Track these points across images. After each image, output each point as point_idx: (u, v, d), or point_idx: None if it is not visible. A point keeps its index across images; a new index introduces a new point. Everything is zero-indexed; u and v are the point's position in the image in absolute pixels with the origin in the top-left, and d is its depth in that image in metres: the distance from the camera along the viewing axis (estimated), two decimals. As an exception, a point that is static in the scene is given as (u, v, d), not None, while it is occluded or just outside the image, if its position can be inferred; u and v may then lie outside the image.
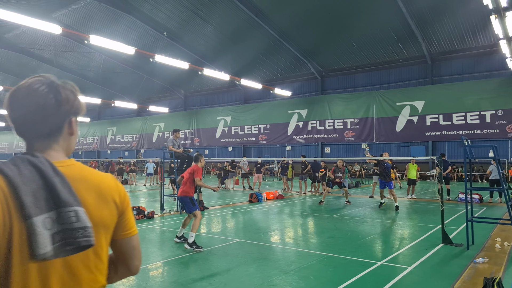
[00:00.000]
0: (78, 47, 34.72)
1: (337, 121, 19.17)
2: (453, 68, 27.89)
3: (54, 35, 31.44)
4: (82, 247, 1.08)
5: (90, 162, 28.65)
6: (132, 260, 1.38)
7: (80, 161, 14.16)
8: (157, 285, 4.99)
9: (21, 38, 34.65)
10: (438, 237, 7.59)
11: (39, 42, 35.14)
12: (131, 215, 1.38)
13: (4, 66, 41.73)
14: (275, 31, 27.43)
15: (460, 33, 25.23)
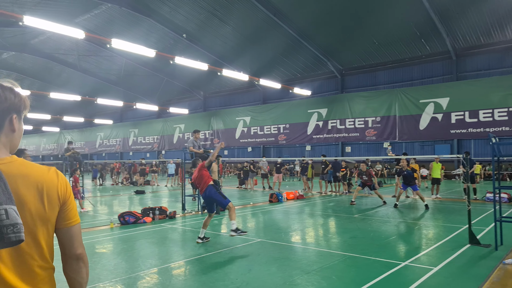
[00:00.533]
0: (100, 51, 35.58)
1: (358, 120, 18.86)
2: (479, 63, 27.06)
3: (77, 40, 32.38)
4: (12, 242, 1.17)
5: (113, 163, 29.18)
6: (72, 247, 1.49)
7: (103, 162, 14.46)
8: (180, 284, 5.06)
9: (46, 43, 35.80)
10: (465, 237, 7.37)
11: (63, 47, 36.22)
12: (73, 206, 1.47)
13: (31, 71, 43.20)
14: (293, 30, 27.31)
15: (486, 27, 24.43)
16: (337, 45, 29.24)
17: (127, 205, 14.14)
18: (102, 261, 6.16)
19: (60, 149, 41.81)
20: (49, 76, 43.66)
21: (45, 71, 42.66)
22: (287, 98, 33.32)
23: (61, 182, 1.43)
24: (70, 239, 1.49)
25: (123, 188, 21.99)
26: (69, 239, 1.49)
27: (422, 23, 24.63)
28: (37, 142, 48.41)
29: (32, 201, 1.33)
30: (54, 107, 50.53)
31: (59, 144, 44.09)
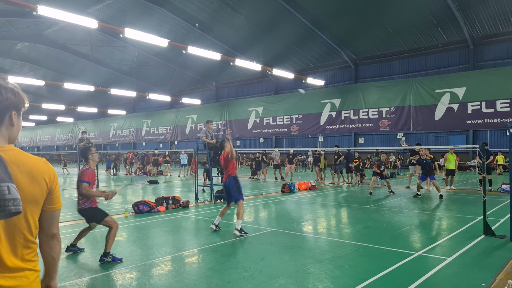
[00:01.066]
0: (113, 41, 35.81)
1: (371, 110, 18.68)
2: (497, 52, 26.39)
3: (90, 30, 32.63)
4: (12, 213, 1.40)
5: (127, 154, 29.55)
6: (51, 227, 1.74)
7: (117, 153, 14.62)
8: (194, 271, 5.15)
9: (59, 34, 36.17)
10: (479, 228, 7.30)
11: (76, 38, 36.54)
12: (58, 194, 1.74)
13: (45, 62, 43.78)
14: (307, 19, 27.00)
15: (506, 15, 23.75)
16: (351, 34, 28.83)
17: (140, 194, 14.36)
18: (118, 248, 6.29)
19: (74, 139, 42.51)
20: (62, 66, 44.20)
21: (59, 62, 43.18)
22: (300, 88, 33.13)
23: (50, 172, 1.68)
24: (51, 221, 1.74)
25: (136, 179, 22.29)
26: (50, 220, 1.73)
27: (438, 11, 24.08)
28: (52, 133, 49.33)
29: (25, 184, 1.56)
30: (68, 97, 51.27)
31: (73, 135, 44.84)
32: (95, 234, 7.56)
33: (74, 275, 4.92)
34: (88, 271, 5.14)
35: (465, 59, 27.63)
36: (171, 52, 34.50)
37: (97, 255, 5.87)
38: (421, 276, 4.74)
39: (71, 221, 8.97)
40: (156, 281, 4.72)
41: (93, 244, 6.76)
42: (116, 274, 4.97)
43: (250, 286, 4.48)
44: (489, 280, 4.60)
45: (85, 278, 4.81)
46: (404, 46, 29.21)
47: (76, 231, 7.72)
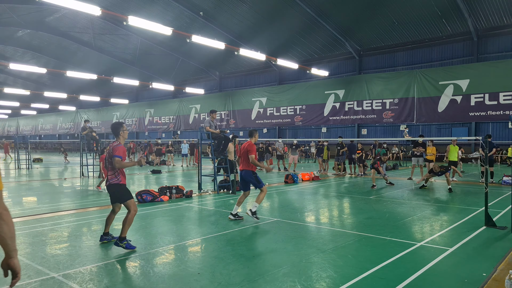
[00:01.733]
0: (116, 29, 35.64)
1: (375, 101, 18.64)
2: (500, 44, 26.20)
3: (92, 18, 32.46)
4: None
5: (129, 143, 29.62)
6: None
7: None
8: (198, 260, 5.22)
9: (61, 21, 35.99)
10: (481, 219, 7.36)
11: (78, 25, 36.39)
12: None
13: (46, 50, 43.66)
14: (311, 9, 26.78)
15: (510, 7, 23.52)
16: (355, 25, 28.61)
17: (143, 184, 14.45)
18: (123, 236, 6.36)
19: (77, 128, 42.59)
20: (64, 54, 44.09)
21: (61, 50, 43.07)
22: (304, 79, 33.01)
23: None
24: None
25: (139, 168, 22.42)
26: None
27: (443, 2, 23.86)
28: (54, 121, 49.38)
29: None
30: (70, 86, 51.25)
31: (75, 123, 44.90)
32: (101, 222, 7.64)
33: (78, 263, 4.98)
34: (92, 259, 5.20)
35: (468, 51, 27.44)
36: (174, 41, 34.33)
37: (99, 243, 5.95)
38: (423, 266, 4.80)
39: (73, 210, 9.06)
40: (160, 269, 4.78)
41: (98, 232, 6.84)
42: (120, 263, 5.04)
43: (254, 274, 4.54)
44: (490, 270, 4.66)
45: (89, 267, 4.85)
46: (408, 37, 28.99)
47: (78, 220, 7.83)
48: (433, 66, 26.84)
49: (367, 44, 31.47)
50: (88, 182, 15.11)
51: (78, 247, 5.77)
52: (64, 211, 8.80)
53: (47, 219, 7.80)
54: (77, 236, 6.44)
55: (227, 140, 12.29)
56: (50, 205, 9.60)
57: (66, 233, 6.70)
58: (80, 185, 14.07)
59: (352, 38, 30.74)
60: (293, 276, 4.49)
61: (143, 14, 26.17)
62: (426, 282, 4.33)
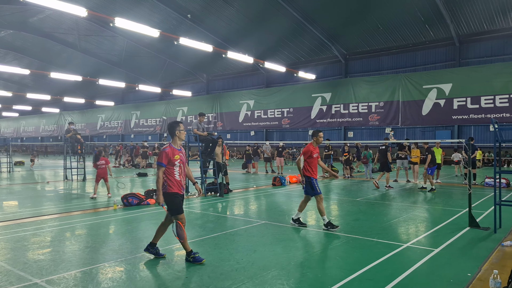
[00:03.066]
0: (102, 31, 35.19)
1: (361, 104, 18.89)
2: (481, 50, 26.87)
3: (77, 19, 31.99)
4: None
5: (118, 146, 29.17)
6: None
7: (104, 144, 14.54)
8: (185, 264, 5.15)
9: (45, 22, 35.35)
10: (465, 220, 7.50)
11: (63, 26, 35.79)
12: None
13: (30, 51, 42.79)
14: (298, 13, 26.98)
15: (490, 14, 24.17)
16: (342, 29, 28.93)
17: (129, 187, 14.26)
18: (107, 241, 6.26)
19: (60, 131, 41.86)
20: (48, 55, 43.30)
21: (45, 51, 42.28)
22: (291, 82, 33.18)
23: None
24: None
25: (125, 171, 22.12)
26: None
27: (426, 8, 24.34)
28: (37, 124, 48.45)
29: None
30: (54, 87, 50.32)
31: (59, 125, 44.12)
32: (71, 227, 7.52)
33: (62, 268, 4.86)
34: (76, 264, 5.09)
35: (451, 56, 28.04)
36: (161, 43, 34.09)
37: (84, 248, 5.84)
38: (410, 267, 4.85)
39: (56, 214, 8.88)
40: (146, 273, 4.71)
41: (83, 236, 6.72)
42: (105, 268, 4.94)
43: (243, 277, 4.52)
44: (474, 270, 4.74)
45: (73, 272, 4.74)
46: (392, 42, 29.46)
47: (61, 224, 7.67)
48: (417, 70, 27.35)
49: (353, 48, 31.84)
50: (71, 185, 14.83)
51: (61, 252, 5.64)
52: (47, 215, 8.61)
53: (29, 224, 7.62)
54: (61, 241, 6.30)
55: (215, 143, 12.24)
56: (32, 209, 9.39)
57: (49, 237, 6.55)
58: (64, 189, 13.80)
59: (338, 42, 31.07)
60: (282, 278, 4.48)
61: (129, 15, 25.91)
62: (413, 283, 4.38)
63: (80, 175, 16.47)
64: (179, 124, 5.26)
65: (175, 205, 5.14)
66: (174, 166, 5.10)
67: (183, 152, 5.33)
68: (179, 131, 5.18)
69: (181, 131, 5.20)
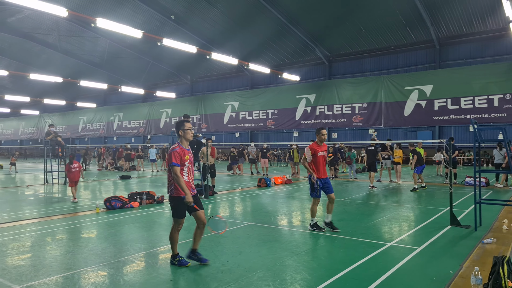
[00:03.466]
0: (83, 31, 34.60)
1: (345, 106, 19.12)
2: (460, 52, 27.54)
3: (57, 19, 31.36)
4: None
5: (102, 148, 28.64)
6: None
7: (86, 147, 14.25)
8: (170, 267, 5.09)
9: (24, 22, 34.54)
10: (446, 219, 7.65)
11: (43, 27, 35.04)
12: None
13: (8, 51, 41.71)
14: (282, 15, 27.11)
15: (469, 17, 24.82)
16: (325, 31, 29.22)
17: (111, 190, 14.04)
18: (89, 245, 6.14)
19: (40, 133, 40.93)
20: (27, 56, 42.30)
21: (24, 51, 41.28)
22: (276, 83, 33.29)
23: None
24: None
25: (107, 173, 21.78)
26: None
27: (408, 12, 24.82)
28: (16, 126, 47.29)
29: None
30: (33, 89, 49.16)
31: (38, 128, 43.13)
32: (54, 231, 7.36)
33: (43, 274, 4.74)
34: (58, 269, 4.97)
35: (431, 58, 28.65)
36: (144, 44, 33.72)
37: (65, 252, 5.71)
38: (394, 266, 4.91)
39: (36, 218, 8.67)
40: (131, 278, 4.63)
41: (64, 241, 6.57)
42: (87, 272, 4.84)
43: (228, 279, 4.49)
44: (456, 267, 4.84)
45: (54, 277, 4.62)
46: (375, 44, 29.90)
47: (41, 228, 7.48)
48: (399, 72, 27.83)
49: (336, 50, 32.18)
50: (52, 189, 14.50)
51: (42, 257, 5.50)
52: (27, 220, 8.39)
53: (8, 229, 7.41)
54: (41, 246, 6.14)
55: (200, 144, 12.16)
56: (12, 213, 9.13)
57: (29, 242, 6.38)
58: (44, 193, 13.48)
59: (322, 44, 31.35)
60: (268, 279, 4.48)
61: (111, 16, 25.51)
62: (397, 281, 4.44)
63: (62, 179, 16.13)
64: (184, 123, 5.05)
65: (178, 209, 5.05)
66: (184, 166, 4.96)
67: (191, 152, 5.18)
68: (183, 131, 5.00)
69: (186, 130, 4.99)
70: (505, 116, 19.06)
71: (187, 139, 5.06)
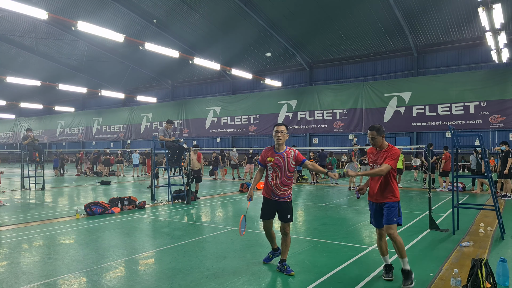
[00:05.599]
0: (61, 34, 33.94)
1: (326, 111, 19.41)
2: (438, 60, 28.37)
3: (35, 21, 30.68)
4: None
5: (80, 153, 27.98)
6: None
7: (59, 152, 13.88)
8: (154, 272, 5.05)
9: (0, 24, 33.62)
10: (425, 223, 7.85)
11: (19, 29, 34.20)
12: None
13: (-17, 54, 40.47)
14: (264, 21, 27.35)
15: (446, 26, 25.65)
16: (306, 37, 29.61)
17: (91, 196, 13.76)
18: (70, 251, 6.02)
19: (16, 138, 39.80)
20: (3, 59, 41.11)
21: (-1, 54, 40.15)
22: (257, 89, 33.43)
23: None
24: None
25: (86, 179, 21.33)
26: None
27: (387, 20, 25.46)
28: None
29: None
30: (9, 92, 47.74)
31: (14, 132, 41.94)
32: (31, 238, 7.19)
33: (23, 281, 4.63)
34: (38, 276, 4.85)
35: (410, 66, 29.41)
36: (124, 48, 33.34)
37: (46, 259, 5.58)
38: (376, 269, 5.02)
39: (12, 225, 8.42)
40: (115, 283, 4.57)
41: (43, 247, 6.41)
42: (70, 279, 4.75)
43: (214, 284, 4.49)
44: (436, 270, 4.98)
45: (36, 284, 4.52)
46: (355, 51, 30.49)
47: (19, 235, 7.28)
48: (378, 79, 28.44)
49: (317, 57, 32.63)
50: (29, 194, 14.10)
51: (22, 264, 5.35)
52: (3, 226, 8.13)
53: (-16, 236, 7.16)
54: (20, 253, 5.98)
55: (181, 150, 12.10)
56: (-13, 220, 8.83)
57: (7, 249, 6.19)
58: (20, 198, 13.09)
59: (303, 50, 31.74)
60: (253, 284, 4.49)
61: (91, 19, 25.17)
62: (380, 283, 4.53)
63: (39, 184, 15.71)
64: (275, 126, 5.02)
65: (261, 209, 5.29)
66: (267, 168, 5.11)
67: (284, 156, 4.96)
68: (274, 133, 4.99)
69: (273, 133, 4.99)
70: (480, 123, 19.77)
71: (277, 143, 4.98)
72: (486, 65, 25.73)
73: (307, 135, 32.95)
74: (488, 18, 13.00)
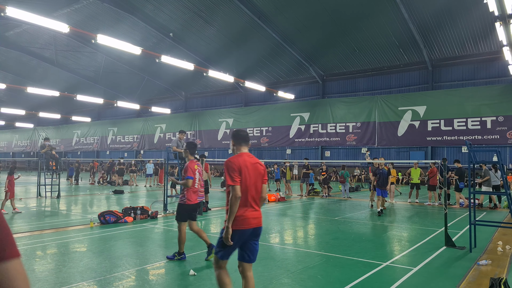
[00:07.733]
0: (80, 47, 34.80)
1: (339, 124, 19.32)
2: (453, 74, 28.06)
3: (55, 34, 31.57)
4: None
5: (94, 162, 28.40)
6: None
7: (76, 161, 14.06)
8: (165, 283, 5.06)
9: (22, 36, 34.71)
10: (441, 240, 7.68)
11: (40, 41, 35.22)
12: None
13: (4, 65, 41.72)
14: (277, 35, 27.58)
15: (461, 40, 25.42)
16: (319, 50, 29.70)
17: (104, 204, 13.91)
18: (84, 259, 6.08)
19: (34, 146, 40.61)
20: (24, 70, 42.33)
21: (20, 65, 41.33)
22: (270, 101, 33.55)
23: None
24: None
25: (99, 188, 21.57)
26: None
27: (401, 33, 25.38)
28: (9, 139, 46.89)
29: None
30: (28, 102, 49.01)
31: (32, 141, 42.84)
32: (59, 245, 7.27)
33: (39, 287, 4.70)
34: (53, 283, 4.91)
35: (424, 79, 29.16)
36: (140, 60, 33.96)
37: (61, 266, 5.63)
38: (390, 286, 4.92)
39: (27, 232, 8.55)
40: (127, 293, 4.59)
41: (58, 255, 6.49)
42: (84, 287, 4.80)
43: (225, 296, 4.46)
44: (452, 288, 4.86)
45: (51, 291, 4.59)
46: (368, 64, 30.41)
47: (34, 242, 7.38)
48: (392, 93, 28.22)
49: (329, 70, 32.65)
50: (45, 202, 14.33)
51: (37, 271, 5.43)
52: (19, 233, 8.27)
53: None
54: (35, 260, 6.06)
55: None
56: (3, 227, 8.99)
57: (22, 256, 6.27)
58: (36, 206, 13.31)
59: (315, 63, 31.82)
60: (265, 298, 4.45)
61: (109, 33, 25.80)
62: (394, 301, 4.44)
63: (55, 192, 15.96)
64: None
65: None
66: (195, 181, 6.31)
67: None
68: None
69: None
70: (497, 138, 19.40)
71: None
72: (503, 80, 25.33)
73: (319, 148, 32.79)
74: (505, 32, 12.86)
